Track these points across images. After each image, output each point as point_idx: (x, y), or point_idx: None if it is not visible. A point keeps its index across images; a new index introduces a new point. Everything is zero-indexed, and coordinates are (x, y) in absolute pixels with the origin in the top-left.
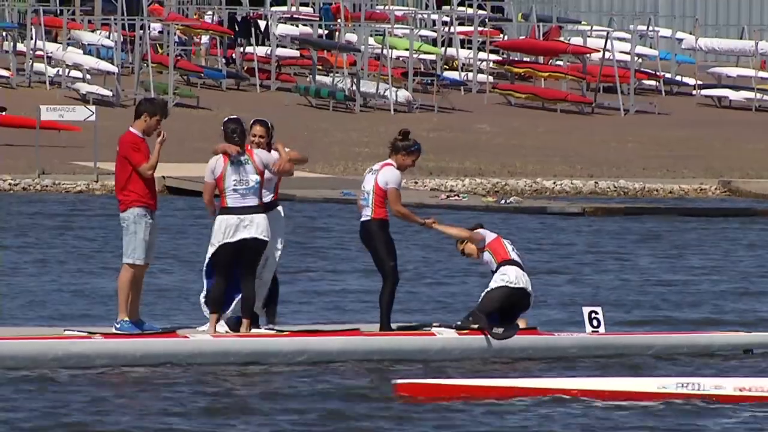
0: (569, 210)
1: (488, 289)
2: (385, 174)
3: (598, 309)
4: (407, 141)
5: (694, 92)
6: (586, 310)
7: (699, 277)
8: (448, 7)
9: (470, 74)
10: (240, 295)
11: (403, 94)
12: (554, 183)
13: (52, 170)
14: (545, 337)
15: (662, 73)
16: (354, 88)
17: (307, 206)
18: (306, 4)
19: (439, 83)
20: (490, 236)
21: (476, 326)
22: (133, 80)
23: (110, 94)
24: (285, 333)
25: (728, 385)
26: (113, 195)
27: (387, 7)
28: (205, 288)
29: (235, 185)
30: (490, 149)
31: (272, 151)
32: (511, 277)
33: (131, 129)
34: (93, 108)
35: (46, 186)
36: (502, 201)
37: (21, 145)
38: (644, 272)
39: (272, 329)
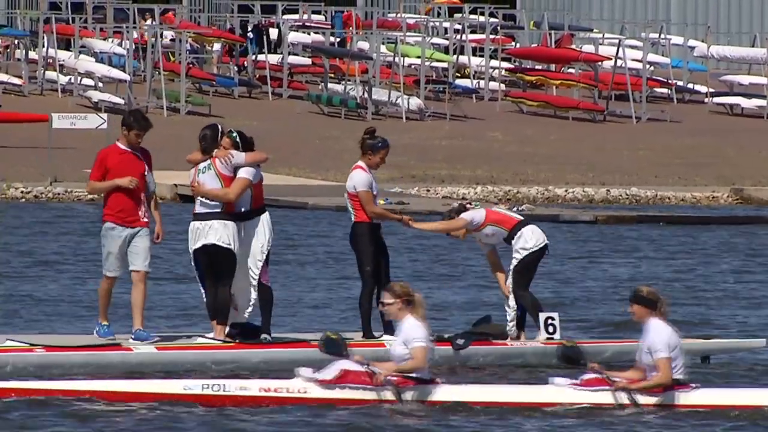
0: (581, 218)
1: (513, 266)
2: (352, 178)
3: (555, 315)
4: (373, 139)
5: (706, 100)
6: (542, 315)
7: (696, 283)
8: (460, 15)
9: (482, 82)
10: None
11: (415, 102)
12: (566, 191)
13: (64, 178)
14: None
15: (674, 81)
16: (366, 96)
17: (319, 214)
18: (318, 12)
19: (451, 91)
20: (479, 213)
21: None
22: (145, 88)
23: (122, 102)
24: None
25: (253, 386)
26: None
27: (399, 15)
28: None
29: None
30: (502, 157)
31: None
32: (529, 242)
33: (116, 142)
34: (105, 116)
35: (59, 194)
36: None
37: (32, 148)
38: (640, 277)
39: (266, 338)
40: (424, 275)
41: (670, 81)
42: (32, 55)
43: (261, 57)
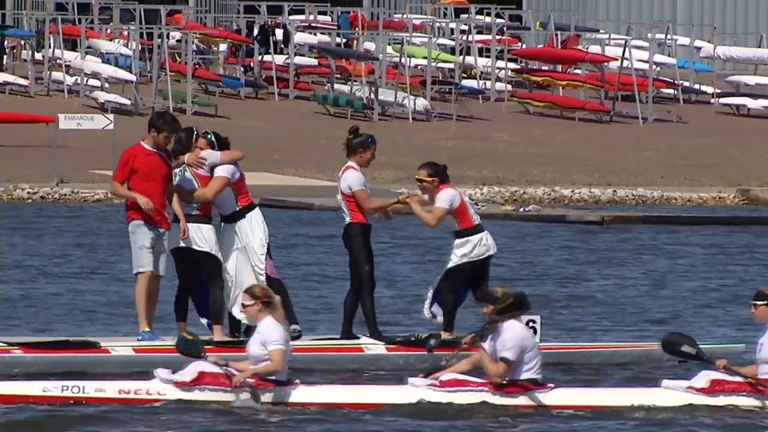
0: (588, 218)
1: (448, 267)
2: (346, 179)
3: (537, 318)
4: (360, 136)
5: (712, 100)
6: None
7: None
8: (466, 15)
9: (488, 83)
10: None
11: (422, 103)
12: (572, 191)
13: (70, 179)
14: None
15: (680, 82)
16: (372, 96)
17: (326, 215)
18: (324, 13)
19: (457, 92)
20: (456, 198)
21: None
22: (151, 89)
23: (128, 102)
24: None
25: (111, 388)
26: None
27: (405, 16)
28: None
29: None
30: (508, 158)
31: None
32: (472, 251)
33: (141, 142)
34: (111, 117)
35: (65, 195)
36: (521, 209)
37: (38, 146)
38: (637, 280)
39: (296, 329)
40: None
41: (676, 82)
42: (38, 55)
43: (267, 58)
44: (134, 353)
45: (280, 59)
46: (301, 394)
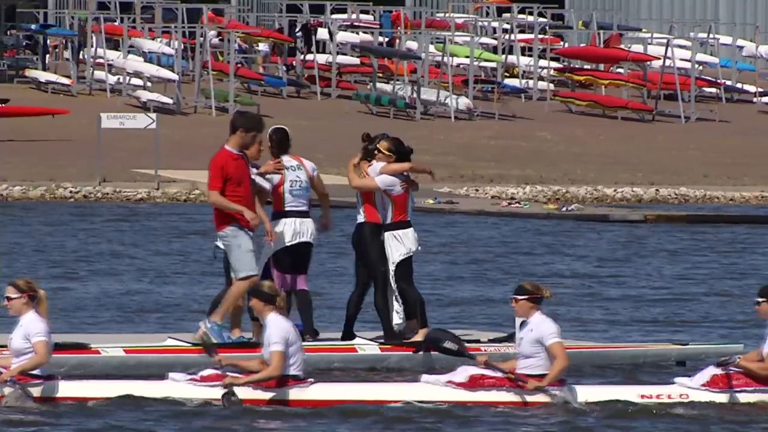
0: (631, 218)
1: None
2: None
3: None
4: (372, 142)
5: (754, 99)
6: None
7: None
8: (509, 14)
9: (531, 82)
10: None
11: (464, 102)
12: (615, 191)
13: (113, 178)
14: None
15: (723, 81)
16: (414, 95)
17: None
18: (366, 12)
19: (499, 91)
20: (397, 188)
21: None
22: (193, 88)
23: (171, 101)
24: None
25: None
26: (174, 203)
27: (447, 15)
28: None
29: None
30: (550, 157)
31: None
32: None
33: (226, 147)
34: (153, 116)
35: (107, 194)
36: (564, 208)
37: (80, 141)
38: (665, 280)
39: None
40: (450, 275)
41: (718, 81)
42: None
43: (309, 57)
44: (124, 354)
45: (322, 58)
46: (65, 389)
